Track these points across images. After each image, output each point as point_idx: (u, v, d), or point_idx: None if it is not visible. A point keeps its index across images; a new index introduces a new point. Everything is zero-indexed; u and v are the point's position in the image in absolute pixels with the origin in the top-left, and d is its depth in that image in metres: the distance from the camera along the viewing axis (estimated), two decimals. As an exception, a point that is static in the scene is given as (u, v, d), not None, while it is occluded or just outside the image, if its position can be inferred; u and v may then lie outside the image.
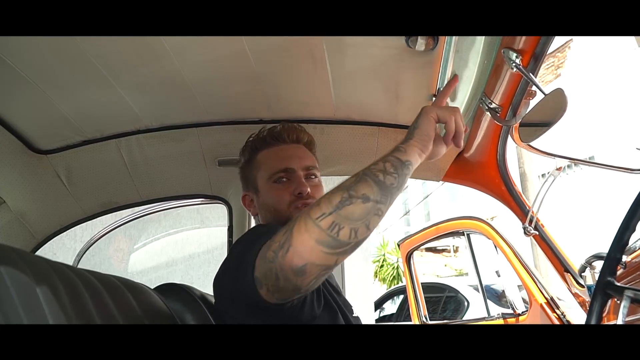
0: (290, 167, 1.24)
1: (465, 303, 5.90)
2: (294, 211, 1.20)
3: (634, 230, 0.79)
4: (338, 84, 1.36)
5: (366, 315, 5.97)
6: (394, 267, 17.29)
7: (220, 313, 1.09)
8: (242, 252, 0.96)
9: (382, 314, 7.51)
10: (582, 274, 1.45)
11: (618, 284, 0.78)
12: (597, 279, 0.82)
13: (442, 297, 6.60)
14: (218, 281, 1.05)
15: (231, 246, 1.14)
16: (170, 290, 1.12)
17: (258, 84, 1.36)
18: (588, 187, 12.85)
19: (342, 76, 1.32)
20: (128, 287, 0.91)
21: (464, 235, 2.15)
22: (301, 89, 1.40)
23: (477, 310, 5.35)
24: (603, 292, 0.80)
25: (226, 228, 1.78)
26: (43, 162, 1.54)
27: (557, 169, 1.48)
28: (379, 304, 7.58)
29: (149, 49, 1.18)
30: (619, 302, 0.78)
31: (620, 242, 0.79)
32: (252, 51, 1.21)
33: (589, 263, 1.43)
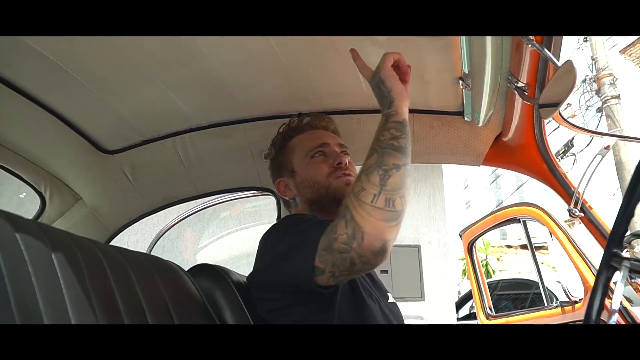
0: (326, 141, 1.34)
1: (554, 299, 5.61)
2: (333, 180, 1.27)
3: (638, 200, 0.76)
4: None
5: (446, 316, 5.83)
6: (483, 264, 16.73)
7: (254, 297, 1.17)
8: (292, 245, 1.06)
9: (464, 313, 7.30)
10: (626, 254, 1.36)
11: (623, 256, 0.76)
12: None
13: (529, 293, 6.33)
14: (264, 269, 1.13)
15: (268, 235, 1.21)
16: (204, 271, 1.21)
17: (290, 78, 1.43)
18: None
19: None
20: (157, 266, 1.00)
21: (519, 222, 2.08)
22: (332, 81, 1.45)
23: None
24: (608, 265, 0.78)
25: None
26: (110, 162, 1.72)
27: (605, 148, 1.42)
28: (461, 303, 7.38)
29: (185, 51, 1.29)
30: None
31: (625, 214, 0.77)
32: (279, 46, 1.28)
33: (628, 242, 1.34)
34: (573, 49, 10.52)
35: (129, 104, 1.51)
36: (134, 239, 4.36)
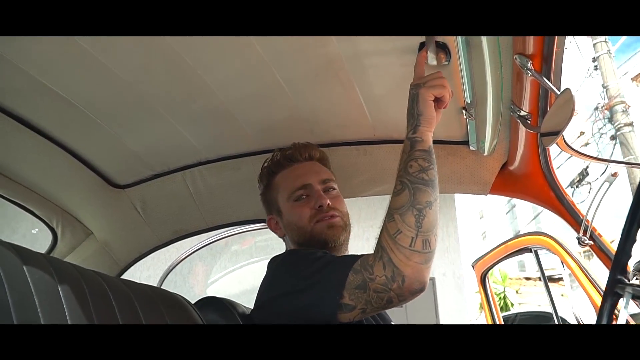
0: (307, 182, 1.31)
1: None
2: (315, 225, 1.26)
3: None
4: (370, 104, 1.42)
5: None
6: (500, 297, 16.37)
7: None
8: (312, 280, 1.05)
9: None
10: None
11: (626, 282, 0.75)
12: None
13: (548, 327, 6.14)
14: (275, 302, 1.12)
15: (275, 268, 1.21)
16: (210, 304, 1.22)
17: (296, 111, 1.46)
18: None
19: (371, 97, 1.38)
20: (162, 298, 1.01)
21: (531, 251, 2.06)
22: (337, 113, 1.48)
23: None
24: (612, 291, 0.77)
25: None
26: (121, 196, 1.75)
27: (612, 175, 1.41)
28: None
29: (194, 86, 1.32)
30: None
31: (628, 240, 0.76)
32: (285, 80, 1.32)
33: (637, 270, 1.31)
34: (583, 77, 10.55)
35: (139, 139, 1.55)
36: (145, 274, 4.37)
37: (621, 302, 0.74)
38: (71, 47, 1.14)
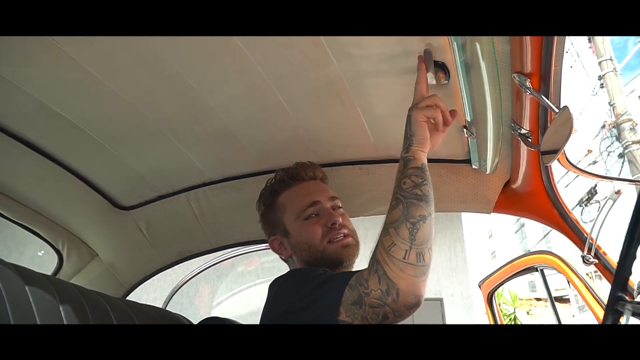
0: (317, 200, 1.31)
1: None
2: (328, 245, 1.26)
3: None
4: (372, 124, 1.43)
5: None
6: (510, 318, 16.13)
7: None
8: (310, 298, 1.05)
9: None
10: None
11: (626, 299, 0.75)
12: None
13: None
14: (276, 322, 1.11)
15: (277, 289, 1.20)
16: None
17: (299, 131, 1.47)
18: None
19: (373, 117, 1.39)
20: (164, 318, 1.01)
21: (537, 271, 2.03)
22: (340, 132, 1.49)
23: None
24: (613, 309, 0.76)
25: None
26: (126, 218, 1.76)
27: (615, 193, 1.40)
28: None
29: (197, 108, 1.34)
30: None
31: (627, 256, 0.76)
32: (286, 101, 1.33)
33: None
34: (589, 95, 10.55)
35: (144, 161, 1.57)
36: (152, 296, 4.35)
37: (623, 320, 0.73)
38: (76, 71, 1.16)
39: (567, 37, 0.99)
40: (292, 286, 1.16)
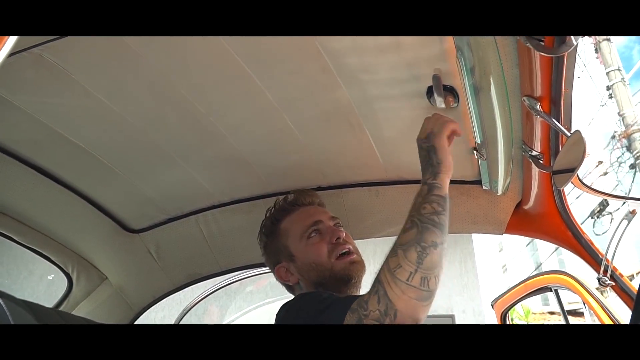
0: (319, 219, 1.32)
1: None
2: (336, 262, 1.26)
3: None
4: (381, 146, 1.42)
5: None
6: (523, 334, 15.90)
7: None
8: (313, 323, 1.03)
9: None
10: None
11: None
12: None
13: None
14: None
15: (283, 315, 1.19)
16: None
17: (307, 153, 1.47)
18: None
19: (382, 139, 1.39)
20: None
21: (551, 291, 2.00)
22: (348, 154, 1.48)
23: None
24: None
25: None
26: (136, 241, 1.76)
27: (630, 212, 1.38)
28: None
29: (206, 132, 1.35)
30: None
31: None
32: (295, 125, 1.33)
33: None
34: (598, 105, 10.48)
35: (154, 184, 1.57)
36: (160, 315, 4.35)
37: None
38: (87, 98, 1.18)
39: (577, 60, 0.98)
40: (295, 313, 1.15)
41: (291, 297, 1.31)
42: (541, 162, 1.21)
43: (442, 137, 1.07)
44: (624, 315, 1.59)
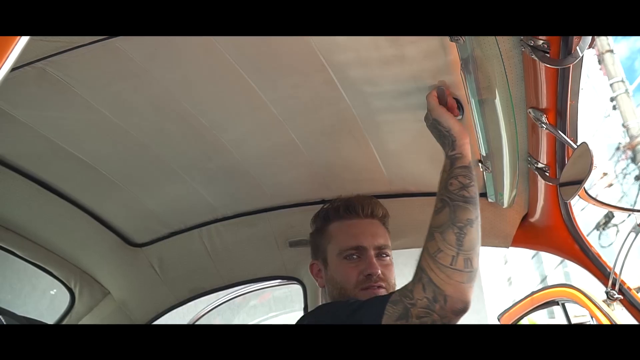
0: (362, 245, 1.24)
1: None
2: (360, 293, 1.19)
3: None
4: (385, 159, 1.42)
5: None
6: (529, 346, 15.77)
7: None
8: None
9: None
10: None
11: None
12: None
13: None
14: None
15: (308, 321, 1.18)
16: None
17: (311, 167, 1.46)
18: None
19: (386, 151, 1.38)
20: None
21: (558, 304, 1.97)
22: (352, 167, 1.47)
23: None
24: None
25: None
26: (139, 255, 1.75)
27: (638, 225, 1.36)
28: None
29: (209, 145, 1.34)
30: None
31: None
32: (299, 138, 1.33)
33: None
34: (602, 117, 10.45)
35: (156, 198, 1.57)
36: (164, 328, 4.31)
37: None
38: (90, 112, 1.17)
39: (582, 72, 0.97)
40: (328, 315, 1.12)
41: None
42: (547, 174, 1.19)
43: (435, 108, 1.07)
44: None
